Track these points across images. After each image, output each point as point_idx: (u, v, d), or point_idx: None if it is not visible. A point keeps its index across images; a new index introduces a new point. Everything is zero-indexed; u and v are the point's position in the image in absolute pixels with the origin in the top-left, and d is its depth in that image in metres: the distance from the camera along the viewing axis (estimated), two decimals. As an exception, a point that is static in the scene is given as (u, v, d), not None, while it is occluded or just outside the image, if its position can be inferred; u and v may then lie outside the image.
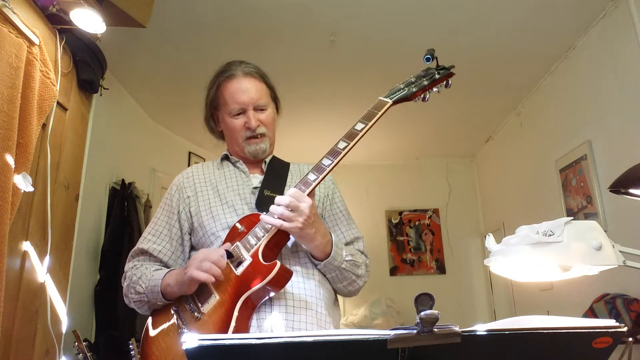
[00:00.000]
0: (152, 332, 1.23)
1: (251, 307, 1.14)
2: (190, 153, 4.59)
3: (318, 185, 1.19)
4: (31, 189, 1.65)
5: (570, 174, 3.09)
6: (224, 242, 1.23)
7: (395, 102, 1.27)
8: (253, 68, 1.39)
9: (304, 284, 1.22)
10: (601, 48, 2.74)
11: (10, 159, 1.54)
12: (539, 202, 3.59)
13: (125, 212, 3.17)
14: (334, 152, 1.20)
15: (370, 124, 1.22)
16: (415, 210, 5.03)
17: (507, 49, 3.05)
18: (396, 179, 5.13)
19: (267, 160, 1.43)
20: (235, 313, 1.09)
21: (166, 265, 1.31)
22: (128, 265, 1.33)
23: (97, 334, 2.90)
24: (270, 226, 1.16)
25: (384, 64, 3.23)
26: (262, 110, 1.36)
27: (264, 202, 1.27)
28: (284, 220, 1.13)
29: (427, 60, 1.29)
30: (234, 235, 1.22)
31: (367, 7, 2.65)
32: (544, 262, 0.93)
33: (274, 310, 1.16)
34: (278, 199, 1.15)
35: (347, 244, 1.35)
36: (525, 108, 3.80)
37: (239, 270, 1.14)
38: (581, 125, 2.97)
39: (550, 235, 0.91)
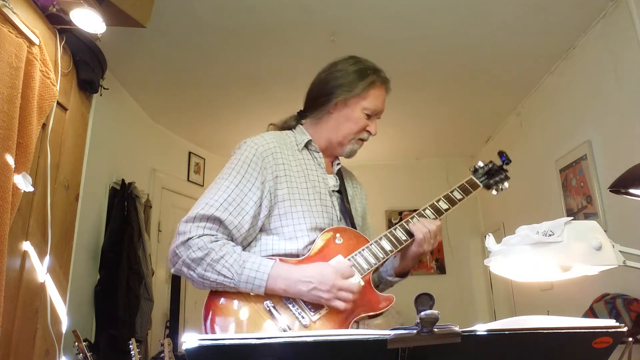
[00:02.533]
0: (233, 325, 1.12)
1: (357, 325, 1.23)
2: (190, 153, 4.59)
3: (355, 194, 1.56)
4: (31, 189, 1.65)
5: (570, 174, 3.09)
6: (322, 249, 1.25)
7: (483, 187, 1.54)
8: None
9: None
10: (601, 48, 2.74)
11: (10, 159, 1.54)
12: (539, 202, 3.59)
13: (125, 212, 3.17)
14: (436, 210, 1.44)
15: (466, 198, 1.49)
16: (415, 210, 5.02)
17: (507, 48, 3.05)
18: (396, 179, 5.12)
19: (339, 163, 1.53)
20: None
21: (232, 240, 1.19)
22: (192, 232, 1.13)
23: (97, 334, 2.90)
24: (382, 254, 1.29)
25: (384, 64, 3.22)
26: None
27: (346, 214, 1.40)
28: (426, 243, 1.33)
29: (505, 163, 1.55)
30: (331, 245, 1.26)
31: (367, 7, 2.65)
32: (544, 262, 0.92)
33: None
34: (431, 226, 1.34)
35: None
36: (525, 108, 3.80)
37: None
38: (581, 125, 2.97)
39: (550, 235, 0.91)
